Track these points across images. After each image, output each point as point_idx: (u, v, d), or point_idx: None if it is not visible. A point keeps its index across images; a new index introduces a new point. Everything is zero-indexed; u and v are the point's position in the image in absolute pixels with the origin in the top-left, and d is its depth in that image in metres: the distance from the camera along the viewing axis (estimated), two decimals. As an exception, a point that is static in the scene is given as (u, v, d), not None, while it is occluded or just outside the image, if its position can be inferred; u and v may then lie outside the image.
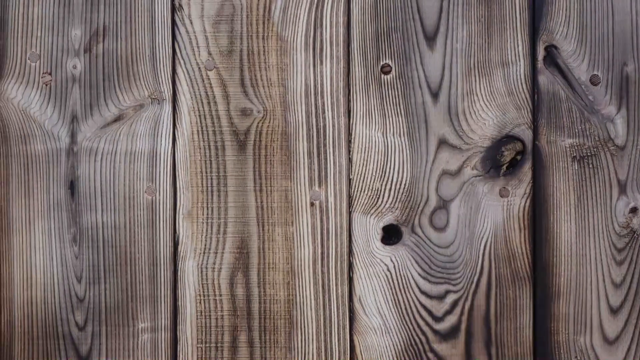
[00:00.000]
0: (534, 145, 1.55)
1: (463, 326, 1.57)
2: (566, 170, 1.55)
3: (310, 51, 1.55)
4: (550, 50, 1.55)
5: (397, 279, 1.56)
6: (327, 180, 1.55)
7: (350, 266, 1.56)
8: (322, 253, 1.56)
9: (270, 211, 1.56)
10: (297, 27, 1.55)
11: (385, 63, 1.55)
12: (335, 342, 1.56)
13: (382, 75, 1.55)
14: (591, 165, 1.55)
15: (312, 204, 1.56)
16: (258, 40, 1.55)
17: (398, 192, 1.56)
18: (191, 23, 1.55)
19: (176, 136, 1.56)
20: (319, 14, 1.55)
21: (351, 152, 1.55)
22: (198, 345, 1.57)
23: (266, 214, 1.56)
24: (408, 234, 1.56)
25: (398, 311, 1.56)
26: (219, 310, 1.57)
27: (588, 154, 1.55)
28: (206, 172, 1.56)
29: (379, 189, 1.56)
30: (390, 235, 1.57)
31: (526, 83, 1.55)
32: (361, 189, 1.56)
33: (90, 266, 1.56)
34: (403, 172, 1.55)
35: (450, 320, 1.57)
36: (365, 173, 1.56)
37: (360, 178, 1.56)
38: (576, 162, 1.55)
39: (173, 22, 1.55)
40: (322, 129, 1.55)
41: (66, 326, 1.57)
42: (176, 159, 1.56)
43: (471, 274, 1.56)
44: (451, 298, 1.56)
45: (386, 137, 1.55)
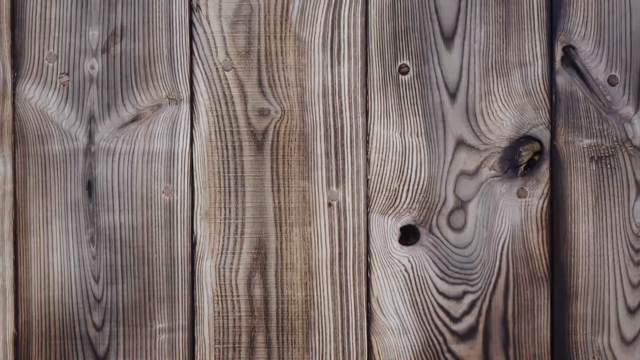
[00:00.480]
0: (552, 145, 1.55)
1: (481, 327, 1.57)
2: (584, 170, 1.55)
3: (327, 51, 1.55)
4: (567, 50, 1.55)
5: (415, 280, 1.56)
6: (345, 180, 1.55)
7: (367, 267, 1.56)
8: (340, 253, 1.56)
9: (287, 212, 1.56)
10: (315, 28, 1.55)
11: (402, 63, 1.55)
12: (352, 343, 1.56)
13: (400, 75, 1.55)
14: (609, 165, 1.55)
15: (330, 205, 1.56)
16: (276, 40, 1.55)
17: (416, 193, 1.56)
18: (209, 23, 1.55)
19: (194, 136, 1.56)
20: (337, 15, 1.55)
21: (369, 153, 1.55)
22: (215, 345, 1.57)
23: (284, 215, 1.56)
24: (426, 235, 1.56)
25: (416, 312, 1.56)
26: (237, 310, 1.57)
27: (606, 155, 1.55)
28: (224, 173, 1.56)
29: (397, 190, 1.56)
30: (407, 235, 1.57)
31: (544, 83, 1.55)
32: (379, 190, 1.56)
33: (107, 266, 1.56)
34: (421, 173, 1.55)
35: (467, 320, 1.57)
36: (382, 173, 1.56)
37: (377, 178, 1.56)
38: (594, 163, 1.55)
39: (191, 23, 1.55)
40: (340, 129, 1.55)
41: (83, 326, 1.57)
42: (194, 159, 1.56)
43: (489, 275, 1.56)
44: (469, 299, 1.56)
45: (404, 138, 1.55)
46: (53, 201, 1.56)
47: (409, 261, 1.56)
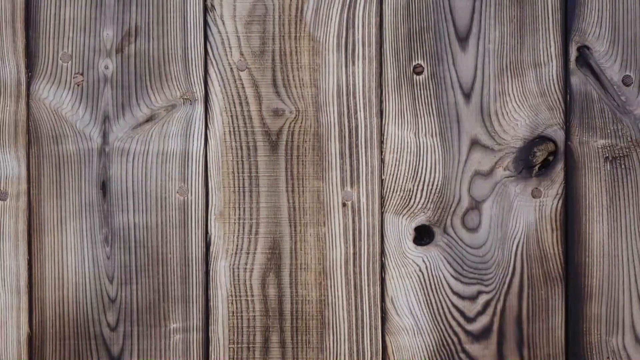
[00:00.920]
0: (566, 145, 1.55)
1: (495, 327, 1.57)
2: (598, 171, 1.55)
3: (342, 52, 1.55)
4: (582, 51, 1.55)
5: (429, 280, 1.56)
6: (360, 180, 1.55)
7: (382, 267, 1.56)
8: (354, 253, 1.56)
9: (302, 212, 1.56)
10: (330, 28, 1.55)
11: (417, 63, 1.55)
12: (367, 343, 1.56)
13: (415, 75, 1.55)
14: (623, 166, 1.55)
15: (344, 205, 1.56)
16: (290, 40, 1.55)
17: (430, 193, 1.56)
18: (223, 23, 1.55)
19: (208, 137, 1.56)
20: (351, 15, 1.55)
21: (383, 153, 1.55)
22: (230, 345, 1.57)
23: (298, 215, 1.56)
24: (440, 235, 1.56)
25: (430, 312, 1.56)
26: (251, 310, 1.57)
27: (620, 155, 1.55)
28: (238, 173, 1.56)
29: (411, 190, 1.56)
30: (422, 235, 1.57)
31: (558, 84, 1.55)
32: (393, 190, 1.56)
33: (122, 267, 1.56)
34: (435, 173, 1.55)
35: (482, 320, 1.57)
36: (397, 173, 1.56)
37: (392, 178, 1.56)
38: (608, 163, 1.55)
39: (205, 23, 1.55)
40: (354, 130, 1.55)
41: (98, 326, 1.57)
42: (208, 160, 1.56)
43: (503, 275, 1.56)
44: (483, 299, 1.56)
45: (418, 138, 1.55)
46: (67, 201, 1.56)
47: (424, 261, 1.56)
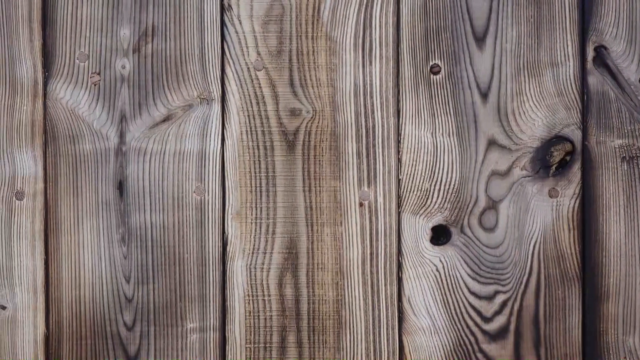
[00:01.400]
0: (584, 145, 1.55)
1: (512, 327, 1.57)
2: (615, 170, 1.55)
3: (359, 51, 1.55)
4: (599, 50, 1.55)
5: (446, 280, 1.56)
6: (376, 180, 1.55)
7: (399, 266, 1.56)
8: (371, 253, 1.56)
9: (319, 211, 1.56)
10: (347, 28, 1.55)
11: (434, 63, 1.55)
12: (384, 343, 1.56)
13: (432, 75, 1.55)
14: (640, 165, 1.55)
15: (361, 204, 1.56)
16: (307, 40, 1.55)
17: (447, 193, 1.56)
18: (240, 23, 1.55)
19: (225, 136, 1.56)
20: (368, 14, 1.55)
21: (400, 152, 1.55)
22: (247, 345, 1.57)
23: (315, 214, 1.56)
24: (457, 235, 1.56)
25: (447, 311, 1.56)
26: (268, 310, 1.57)
27: (637, 155, 1.54)
28: (255, 172, 1.56)
29: (428, 189, 1.56)
30: (439, 235, 1.57)
31: (575, 83, 1.55)
32: (410, 189, 1.56)
33: (138, 266, 1.56)
34: (452, 173, 1.55)
35: (499, 320, 1.57)
36: (414, 173, 1.56)
37: (409, 178, 1.56)
38: (625, 163, 1.55)
39: (222, 22, 1.55)
40: (371, 129, 1.55)
41: (114, 326, 1.57)
42: (225, 159, 1.56)
43: (520, 275, 1.56)
44: (500, 298, 1.56)
45: (435, 137, 1.55)
46: (84, 201, 1.56)
47: (440, 261, 1.56)
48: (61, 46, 1.55)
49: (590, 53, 1.55)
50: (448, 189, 1.56)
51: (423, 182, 1.56)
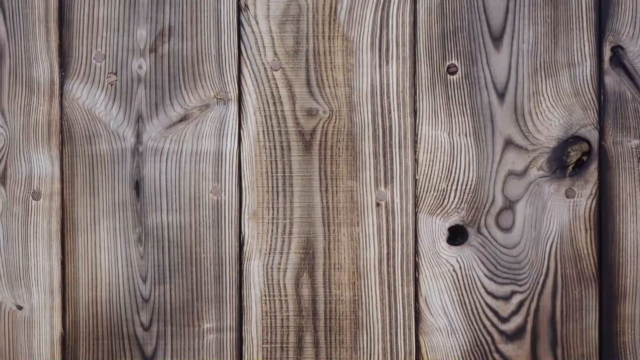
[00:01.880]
0: (600, 146, 1.55)
1: (529, 327, 1.57)
2: (632, 170, 1.55)
3: (376, 51, 1.55)
4: (616, 51, 1.55)
5: (463, 280, 1.56)
6: (393, 180, 1.55)
7: (416, 266, 1.56)
8: (388, 253, 1.56)
9: (335, 211, 1.56)
10: (363, 28, 1.55)
11: (451, 63, 1.55)
12: (400, 343, 1.56)
13: (448, 75, 1.55)
14: (657, 166, 1.55)
15: (378, 205, 1.56)
16: (324, 40, 1.55)
17: (464, 193, 1.56)
18: (257, 23, 1.55)
19: (242, 136, 1.56)
20: (385, 14, 1.55)
21: (417, 153, 1.55)
22: (263, 345, 1.57)
23: (332, 215, 1.56)
24: (474, 235, 1.56)
25: (464, 312, 1.56)
26: (285, 310, 1.57)
27: (654, 155, 1.55)
28: (272, 172, 1.56)
29: (445, 190, 1.56)
30: (455, 235, 1.57)
31: (592, 84, 1.55)
32: (427, 190, 1.56)
33: (155, 266, 1.56)
34: (469, 173, 1.55)
35: (516, 321, 1.57)
36: (431, 173, 1.56)
37: (426, 178, 1.56)
38: (642, 163, 1.55)
39: (239, 22, 1.55)
40: (388, 129, 1.55)
41: (131, 326, 1.57)
42: (242, 159, 1.56)
43: (537, 275, 1.56)
44: (517, 299, 1.56)
45: (452, 138, 1.55)
46: (101, 201, 1.56)
47: (457, 261, 1.56)
48: (78, 46, 1.55)
49: (607, 53, 1.55)
50: (465, 189, 1.56)
51: (440, 182, 1.56)
